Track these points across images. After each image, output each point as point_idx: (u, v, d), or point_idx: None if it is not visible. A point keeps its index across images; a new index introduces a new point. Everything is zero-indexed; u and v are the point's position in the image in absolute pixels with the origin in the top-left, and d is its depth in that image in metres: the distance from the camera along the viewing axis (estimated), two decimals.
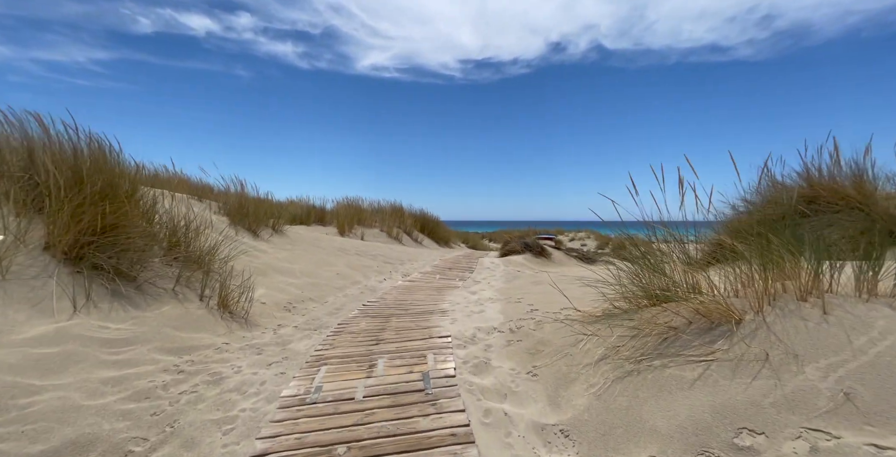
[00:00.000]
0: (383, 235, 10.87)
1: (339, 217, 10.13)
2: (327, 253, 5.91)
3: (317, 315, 3.40)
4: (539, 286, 4.57)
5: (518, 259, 9.25)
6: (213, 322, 2.75)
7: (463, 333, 2.78)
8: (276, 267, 4.35)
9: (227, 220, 5.04)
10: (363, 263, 5.97)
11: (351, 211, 10.81)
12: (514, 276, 6.51)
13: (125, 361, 2.04)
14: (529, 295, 3.87)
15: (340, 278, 4.84)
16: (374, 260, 6.52)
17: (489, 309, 3.43)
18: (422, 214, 12.84)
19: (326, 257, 5.59)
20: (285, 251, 5.14)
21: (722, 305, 1.88)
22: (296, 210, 10.16)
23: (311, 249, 5.74)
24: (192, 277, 3.12)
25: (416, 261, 7.58)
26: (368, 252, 7.10)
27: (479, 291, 4.69)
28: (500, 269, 7.82)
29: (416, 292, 4.55)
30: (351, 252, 6.58)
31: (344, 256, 6.11)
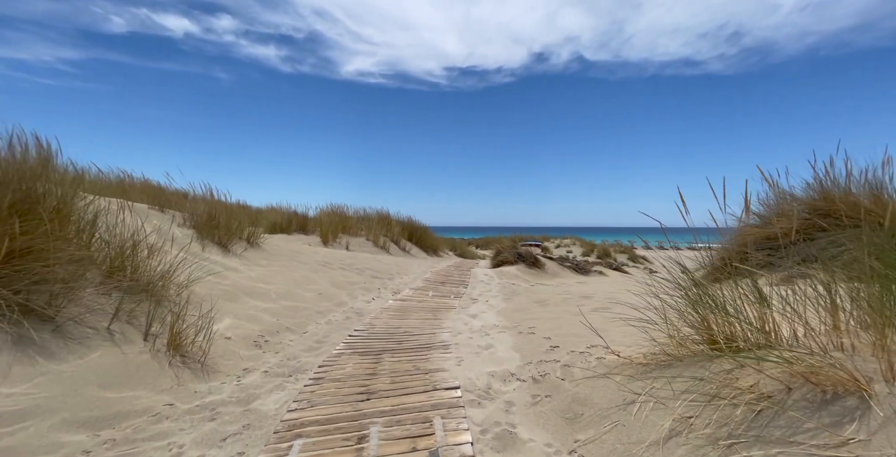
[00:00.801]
0: (370, 244, 10.24)
1: (323, 225, 9.48)
2: (309, 268, 5.28)
3: (293, 352, 2.80)
4: (545, 308, 4.07)
5: (511, 270, 8.78)
6: (157, 371, 2.13)
7: (474, 381, 2.23)
8: (248, 289, 3.72)
9: (193, 233, 4.38)
10: (349, 280, 5.36)
11: (335, 219, 10.16)
12: (511, 291, 6.01)
13: (5, 450, 1.41)
14: (540, 322, 3.36)
15: (323, 300, 4.23)
16: (361, 275, 5.92)
17: (498, 343, 2.89)
18: (409, 222, 12.27)
19: (308, 274, 4.97)
20: (260, 268, 4.50)
21: (841, 370, 1.38)
22: (276, 218, 9.46)
23: (290, 265, 5.10)
24: (136, 309, 2.49)
25: (405, 274, 7.00)
26: (355, 265, 6.48)
27: (479, 313, 4.16)
28: (495, 282, 7.32)
29: (409, 315, 3.98)
30: (335, 266, 5.96)
31: (327, 271, 5.49)
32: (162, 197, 5.15)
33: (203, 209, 4.94)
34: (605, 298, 4.47)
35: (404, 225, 11.89)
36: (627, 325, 2.80)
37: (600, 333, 2.65)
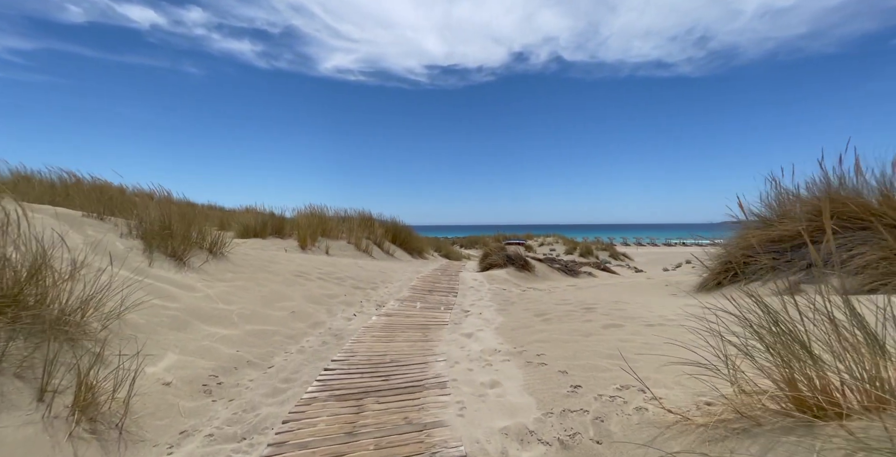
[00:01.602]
0: (351, 247, 9.60)
1: (301, 229, 8.78)
2: (282, 281, 4.65)
3: (252, 399, 2.20)
4: (549, 325, 3.58)
5: (501, 274, 8.31)
6: (47, 450, 1.51)
7: (483, 445, 1.70)
8: (203, 312, 3.08)
9: (139, 245, 3.69)
10: (328, 292, 4.75)
11: (314, 221, 9.47)
12: (504, 298, 5.52)
13: None
14: (548, 346, 2.85)
15: (297, 320, 3.63)
16: (342, 285, 5.31)
17: (505, 378, 2.36)
18: (393, 224, 11.66)
19: (280, 288, 4.33)
20: (223, 284, 3.85)
21: None
22: (249, 221, 8.70)
23: (259, 278, 4.46)
24: (34, 356, 1.85)
25: (390, 282, 6.42)
26: (335, 274, 5.87)
27: (474, 331, 3.64)
28: (485, 288, 6.82)
29: (395, 336, 3.43)
30: (313, 276, 5.33)
31: (303, 283, 4.86)
32: (109, 202, 4.42)
33: (156, 215, 4.24)
34: (611, 308, 4.02)
35: (388, 227, 11.28)
36: (656, 354, 2.33)
37: (625, 362, 2.16)
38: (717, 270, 5.05)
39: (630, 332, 2.98)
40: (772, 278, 4.55)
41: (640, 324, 3.21)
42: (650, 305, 4.26)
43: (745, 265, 4.85)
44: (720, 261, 5.13)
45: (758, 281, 4.65)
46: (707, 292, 5.00)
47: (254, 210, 10.78)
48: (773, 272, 4.62)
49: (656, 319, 3.40)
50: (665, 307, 4.08)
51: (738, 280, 4.87)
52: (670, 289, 5.65)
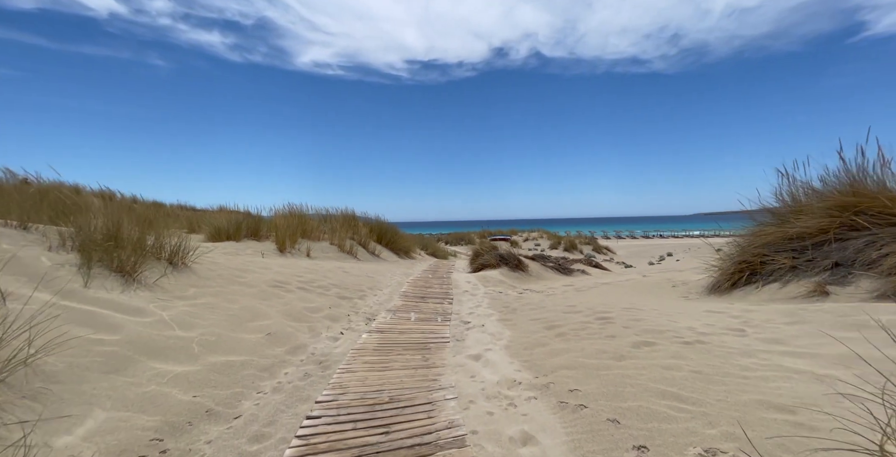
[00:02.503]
0: (334, 249, 8.94)
1: (279, 230, 8.06)
2: (256, 293, 4.01)
3: None
4: (566, 341, 3.10)
5: (495, 275, 7.84)
6: None
7: None
8: (153, 344, 2.45)
9: (74, 259, 2.99)
10: (310, 305, 4.15)
11: (294, 222, 8.75)
12: (504, 304, 5.04)
13: None
14: (578, 375, 2.35)
15: (273, 344, 3.03)
16: (326, 295, 4.71)
17: (542, 434, 1.83)
18: (378, 223, 11.03)
19: (254, 303, 3.71)
20: (183, 303, 3.20)
21: None
22: (221, 222, 7.92)
23: (229, 292, 3.81)
24: None
25: (379, 288, 5.84)
26: (317, 281, 5.25)
27: (482, 351, 3.13)
28: (481, 291, 6.33)
29: (391, 362, 2.88)
30: (292, 285, 4.71)
31: (282, 295, 4.24)
32: (42, 205, 3.67)
33: (102, 222, 3.53)
34: (628, 318, 3.58)
35: (372, 226, 10.64)
36: (720, 388, 1.87)
37: (690, 405, 1.69)
38: (730, 270, 4.70)
39: (669, 353, 2.52)
40: (792, 279, 4.21)
41: (674, 341, 2.76)
42: (668, 312, 3.85)
43: (761, 265, 4.51)
44: (733, 260, 4.78)
45: (776, 282, 4.31)
46: (721, 295, 4.64)
47: (227, 210, 9.95)
48: (792, 272, 4.28)
49: (687, 333, 2.97)
50: (687, 315, 3.67)
51: (754, 281, 4.52)
52: (678, 290, 5.28)
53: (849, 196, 4.18)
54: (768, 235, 4.62)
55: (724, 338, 2.77)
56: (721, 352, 2.46)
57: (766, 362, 2.21)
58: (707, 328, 3.08)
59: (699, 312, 3.82)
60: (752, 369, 2.14)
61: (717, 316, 3.55)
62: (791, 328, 2.80)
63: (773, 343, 2.54)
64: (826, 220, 4.22)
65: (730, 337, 2.79)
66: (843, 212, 4.14)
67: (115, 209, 3.98)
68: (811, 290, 3.92)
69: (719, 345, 2.61)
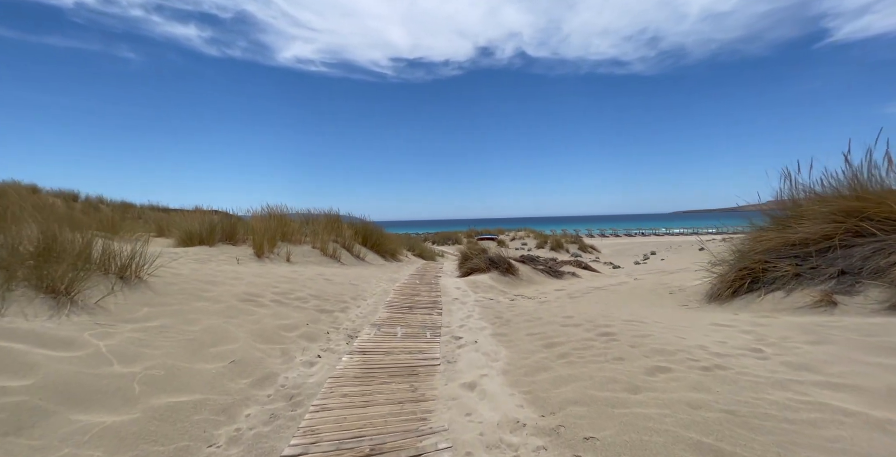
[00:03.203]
0: (316, 253, 8.44)
1: (257, 233, 7.53)
2: (223, 310, 3.55)
3: None
4: (570, 365, 2.76)
5: (485, 280, 7.49)
6: None
7: None
8: (80, 387, 2.00)
9: None
10: (285, 322, 3.70)
11: (273, 224, 8.22)
12: (497, 315, 4.68)
13: None
14: (590, 412, 2.00)
15: (236, 374, 2.59)
16: (303, 309, 4.26)
17: None
18: (363, 225, 10.55)
19: (219, 323, 3.25)
20: (130, 327, 2.73)
21: None
22: (193, 225, 7.33)
23: (191, 310, 3.34)
24: None
25: (363, 297, 5.42)
26: (295, 292, 4.79)
27: (477, 378, 2.76)
28: (471, 299, 5.97)
29: (374, 393, 2.49)
30: (266, 298, 4.25)
31: (253, 311, 3.78)
32: None
33: (35, 231, 3.01)
34: (632, 334, 3.27)
35: (357, 228, 10.16)
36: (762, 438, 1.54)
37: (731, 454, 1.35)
38: (730, 276, 4.46)
39: (689, 384, 2.20)
40: (796, 287, 3.98)
41: (690, 366, 2.45)
42: (673, 325, 3.56)
43: (763, 272, 4.27)
44: (732, 266, 4.54)
45: (779, 291, 4.07)
46: (722, 303, 4.39)
47: (202, 211, 9.31)
48: (796, 280, 4.06)
49: (701, 354, 2.67)
50: (693, 329, 3.39)
51: (755, 289, 4.28)
52: (676, 298, 5.03)
53: (853, 200, 3.97)
54: (769, 241, 4.39)
55: (744, 361, 2.48)
56: (747, 382, 2.15)
57: (806, 399, 1.91)
58: (720, 347, 2.79)
59: (705, 324, 3.54)
60: (792, 408, 1.83)
61: (726, 331, 3.27)
62: (816, 350, 2.52)
63: (802, 370, 2.24)
64: (830, 225, 4.00)
65: (750, 360, 2.50)
66: (848, 217, 3.92)
67: (48, 212, 3.45)
68: (818, 299, 3.69)
69: (741, 371, 2.30)
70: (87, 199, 9.76)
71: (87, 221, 6.25)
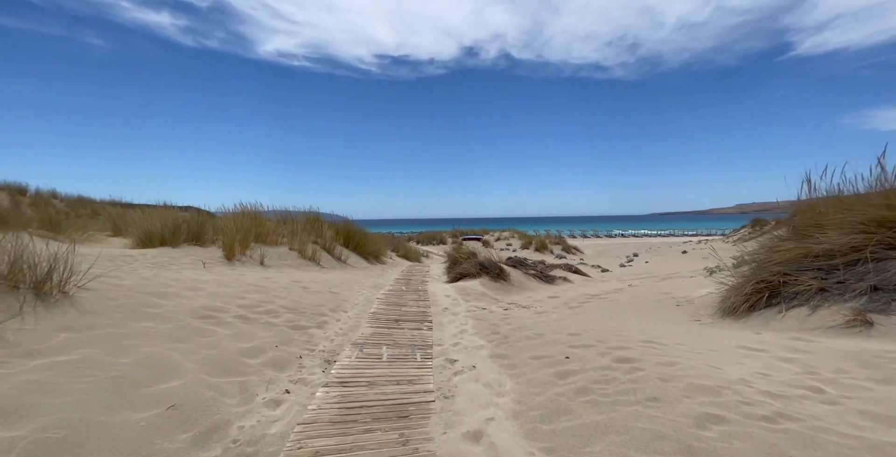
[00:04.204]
0: (294, 255, 7.73)
1: (227, 234, 6.77)
2: (171, 332, 2.89)
3: None
4: (599, 411, 2.24)
5: (475, 286, 6.96)
6: None
7: None
8: None
9: None
10: (248, 345, 3.06)
11: (246, 223, 7.46)
12: (492, 328, 4.15)
13: None
14: None
15: (173, 427, 1.96)
16: (274, 326, 3.62)
17: None
18: (345, 224, 9.86)
19: (161, 350, 2.59)
20: (32, 364, 2.05)
21: None
22: (154, 224, 6.52)
23: (126, 333, 2.67)
24: None
25: (344, 308, 4.80)
26: (265, 304, 4.14)
27: (482, 425, 2.22)
28: (462, 308, 5.43)
29: (353, 446, 1.91)
30: (229, 313, 3.59)
31: (210, 330, 3.12)
32: None
33: None
34: (657, 361, 2.80)
35: (339, 228, 9.47)
36: None
37: None
38: (746, 289, 4.07)
39: (758, 445, 1.71)
40: (822, 304, 3.61)
41: (747, 415, 1.97)
42: (696, 347, 3.11)
43: (781, 285, 3.90)
44: (748, 279, 4.16)
45: (802, 307, 3.69)
46: (738, 319, 3.99)
47: (167, 208, 8.43)
48: (821, 295, 3.68)
49: (749, 392, 2.20)
50: (721, 354, 2.94)
51: (774, 303, 3.90)
52: (685, 311, 4.62)
53: (885, 209, 3.62)
54: (788, 252, 4.02)
55: (810, 408, 2.02)
56: (834, 446, 1.68)
57: None
58: (768, 383, 2.33)
59: (732, 347, 3.10)
60: None
61: (761, 357, 2.83)
62: (893, 392, 2.08)
63: (894, 427, 1.79)
64: (860, 236, 3.64)
65: (816, 405, 2.04)
66: (880, 227, 3.57)
67: None
68: (850, 318, 3.31)
69: (816, 425, 1.84)
70: (38, 192, 8.71)
71: (22, 219, 5.38)
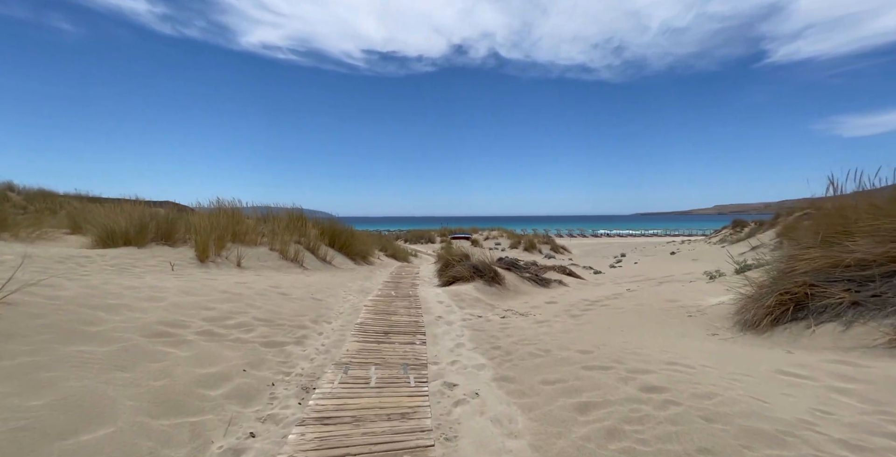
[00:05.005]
0: (275, 256, 7.15)
1: (201, 232, 6.16)
2: (109, 358, 2.35)
3: None
4: (619, 446, 1.82)
5: (469, 291, 6.52)
6: None
7: None
8: None
9: None
10: (209, 372, 2.54)
11: (223, 221, 6.84)
12: (492, 342, 3.72)
13: None
14: None
15: None
16: (244, 344, 3.10)
17: None
18: (331, 223, 9.28)
19: (92, 385, 2.05)
20: None
21: None
22: (118, 221, 5.85)
23: (45, 364, 2.12)
24: None
25: (328, 318, 4.29)
26: (237, 315, 3.60)
27: None
28: (457, 317, 4.98)
29: None
30: (191, 330, 3.05)
31: (163, 352, 2.59)
32: None
33: None
34: (691, 391, 2.41)
35: (324, 227, 8.89)
36: None
37: None
38: (768, 301, 3.73)
39: None
40: (856, 319, 3.28)
41: None
42: (730, 372, 2.73)
43: (808, 297, 3.57)
44: (771, 289, 3.82)
45: (832, 322, 3.36)
46: (760, 334, 3.65)
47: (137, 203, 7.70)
48: (854, 310, 3.36)
49: (820, 441, 1.81)
50: (762, 381, 2.56)
51: (800, 317, 3.57)
52: (699, 322, 4.27)
53: None
54: (814, 260, 3.69)
55: None
56: None
57: None
58: (837, 427, 1.95)
59: (769, 372, 2.74)
60: None
61: (809, 387, 2.46)
62: None
63: None
64: None
65: None
66: None
67: None
68: (892, 337, 2.98)
69: None
70: None
71: None
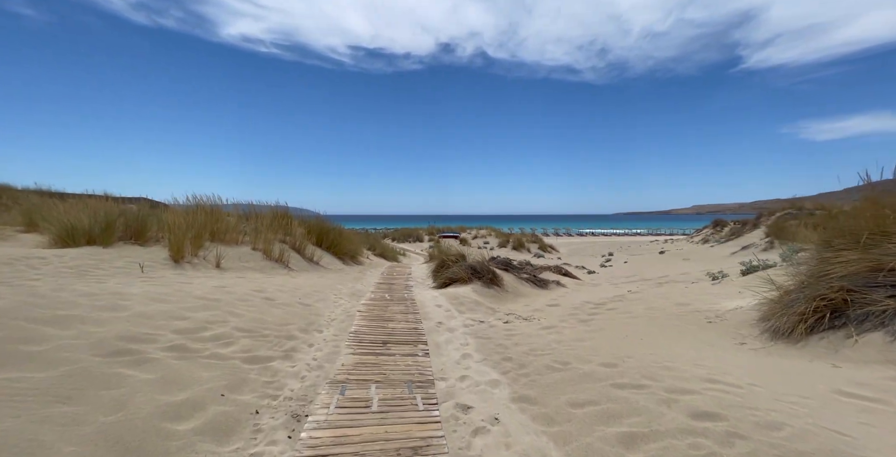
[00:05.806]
0: (258, 256, 6.61)
1: (175, 230, 5.58)
2: (51, 388, 1.86)
3: None
4: None
5: (467, 293, 6.13)
6: None
7: None
8: None
9: None
10: (177, 399, 2.07)
11: (200, 219, 6.26)
12: (502, 352, 3.34)
13: None
14: None
15: None
16: (222, 361, 2.63)
17: None
18: (318, 221, 8.75)
19: (17, 428, 1.57)
20: None
21: None
22: (79, 218, 5.22)
23: None
24: None
25: (318, 327, 3.83)
26: (214, 325, 3.12)
27: None
28: (458, 322, 4.59)
29: None
30: (157, 345, 2.56)
31: (121, 376, 2.11)
32: None
33: None
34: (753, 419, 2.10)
35: (310, 225, 8.36)
36: None
37: None
38: (800, 308, 3.47)
39: None
40: None
41: None
42: (782, 393, 2.42)
43: (846, 303, 3.32)
44: (804, 295, 3.56)
45: (876, 331, 3.11)
46: (794, 343, 3.38)
47: (105, 199, 7.01)
48: None
49: None
50: (825, 405, 2.26)
51: (838, 325, 3.32)
52: (720, 329, 4.00)
53: None
54: (850, 263, 3.45)
55: None
56: None
57: None
58: None
59: (827, 393, 2.44)
60: None
61: (886, 414, 2.17)
62: None
63: None
64: None
65: None
66: None
67: None
68: None
69: None
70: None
71: None
